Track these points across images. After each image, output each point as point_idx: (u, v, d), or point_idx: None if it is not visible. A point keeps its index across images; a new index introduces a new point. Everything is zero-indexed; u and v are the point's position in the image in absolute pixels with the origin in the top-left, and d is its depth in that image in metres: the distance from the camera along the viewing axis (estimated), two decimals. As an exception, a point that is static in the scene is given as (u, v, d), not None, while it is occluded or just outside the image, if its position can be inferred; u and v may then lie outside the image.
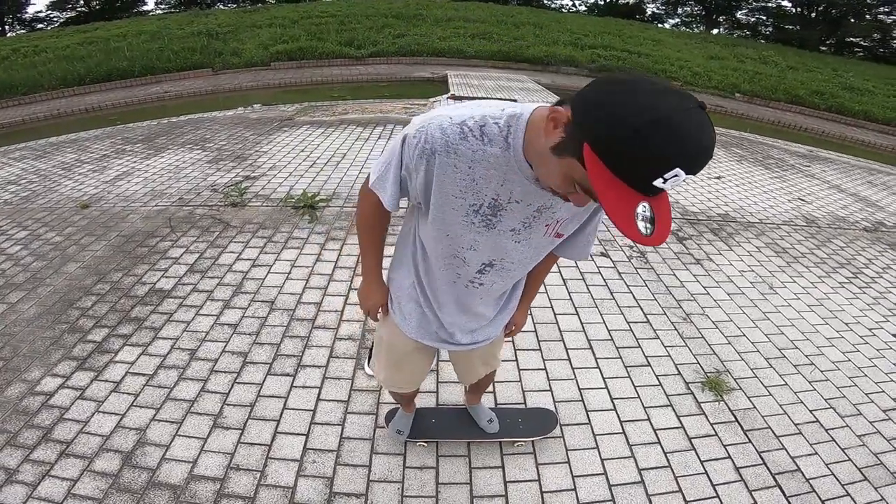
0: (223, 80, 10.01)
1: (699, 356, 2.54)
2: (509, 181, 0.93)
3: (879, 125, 11.16)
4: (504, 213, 0.99)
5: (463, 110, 0.94)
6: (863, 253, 3.97)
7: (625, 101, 0.65)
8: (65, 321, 2.56)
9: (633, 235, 0.70)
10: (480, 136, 0.90)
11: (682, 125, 0.63)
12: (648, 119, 0.63)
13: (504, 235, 1.04)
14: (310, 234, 3.38)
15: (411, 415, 1.92)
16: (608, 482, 1.87)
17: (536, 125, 0.85)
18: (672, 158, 0.64)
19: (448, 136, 0.91)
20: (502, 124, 0.90)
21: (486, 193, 0.96)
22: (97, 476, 1.77)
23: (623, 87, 0.67)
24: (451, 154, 0.92)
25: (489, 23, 16.46)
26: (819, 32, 26.44)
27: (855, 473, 2.00)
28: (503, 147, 0.90)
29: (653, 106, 0.64)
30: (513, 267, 1.14)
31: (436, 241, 1.10)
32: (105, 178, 4.42)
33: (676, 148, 0.64)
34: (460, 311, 1.27)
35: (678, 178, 0.65)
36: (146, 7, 26.11)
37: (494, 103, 0.95)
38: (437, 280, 1.21)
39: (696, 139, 0.64)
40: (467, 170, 0.93)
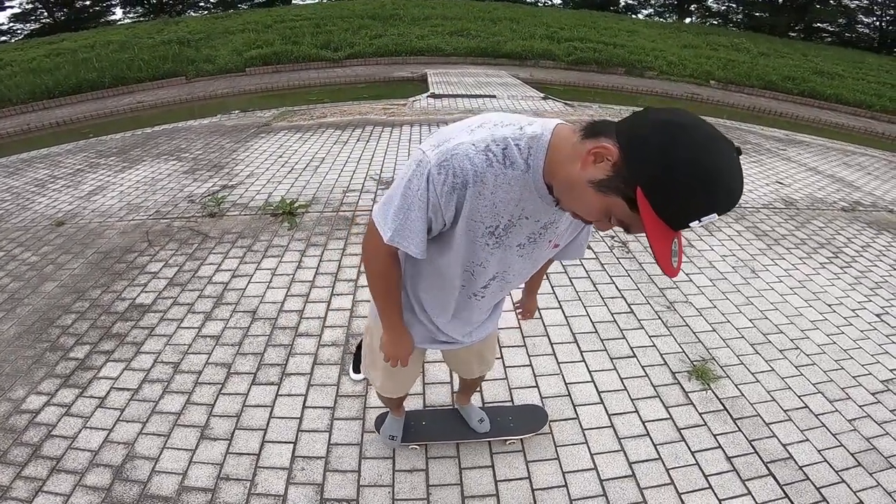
0: (197, 88, 9.85)
1: (684, 344, 2.56)
2: (524, 200, 0.92)
3: (851, 108, 11.36)
4: (514, 229, 0.98)
5: (482, 133, 0.89)
6: (842, 232, 4.05)
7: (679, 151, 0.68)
8: (46, 339, 2.52)
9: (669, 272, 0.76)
10: (503, 160, 0.88)
11: (729, 176, 0.69)
12: (703, 172, 0.68)
13: (511, 251, 1.03)
14: (290, 242, 3.35)
15: (401, 419, 1.91)
16: (599, 477, 1.88)
17: (561, 148, 0.84)
18: (715, 206, 0.69)
19: (476, 165, 0.87)
20: (523, 146, 0.87)
21: (504, 216, 0.94)
22: (90, 490, 1.77)
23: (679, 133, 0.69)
24: (479, 183, 0.88)
25: (466, 19, 16.44)
26: (788, 18, 26.86)
27: (848, 459, 2.02)
28: (524, 169, 0.88)
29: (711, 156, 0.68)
30: (512, 279, 1.14)
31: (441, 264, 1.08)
32: (79, 193, 4.34)
33: (721, 197, 0.70)
34: (456, 319, 1.27)
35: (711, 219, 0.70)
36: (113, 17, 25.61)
37: (514, 121, 0.91)
38: (433, 294, 1.19)
39: (736, 188, 0.70)
40: (490, 195, 0.90)
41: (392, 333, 1.25)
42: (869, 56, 20.69)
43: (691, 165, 0.68)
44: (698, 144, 0.68)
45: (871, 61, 18.47)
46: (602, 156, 0.76)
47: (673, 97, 10.79)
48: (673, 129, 0.70)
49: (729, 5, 30.52)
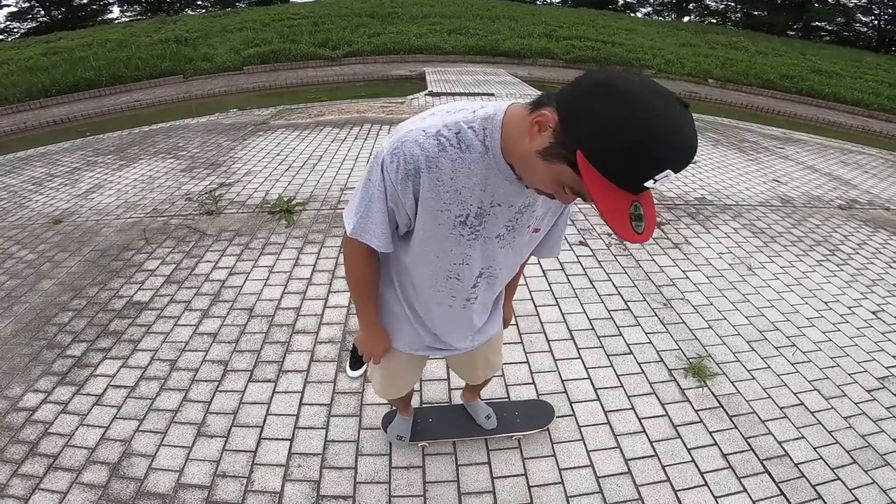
0: (195, 87, 9.83)
1: (681, 342, 2.57)
2: (491, 185, 0.90)
3: (849, 106, 11.37)
4: (488, 218, 0.96)
5: (433, 119, 0.89)
6: (838, 230, 4.06)
7: (615, 109, 0.66)
8: (43, 337, 2.52)
9: (627, 236, 0.72)
10: (458, 143, 0.87)
11: (673, 128, 0.66)
12: (642, 127, 0.64)
13: (490, 243, 1.01)
14: (287, 239, 3.35)
15: (410, 418, 1.90)
16: (595, 474, 1.88)
17: (514, 125, 0.83)
18: (664, 161, 0.66)
19: (427, 150, 0.86)
20: (477, 128, 0.87)
21: (472, 202, 0.92)
22: (86, 488, 1.77)
23: (610, 92, 0.67)
24: (434, 169, 0.87)
25: (465, 17, 16.42)
26: (786, 17, 26.87)
27: (844, 456, 2.02)
28: (482, 151, 0.87)
29: (644, 112, 0.65)
30: (500, 273, 1.12)
31: (425, 265, 1.06)
32: (77, 191, 4.33)
33: (668, 151, 0.66)
34: (455, 328, 1.24)
35: (668, 177, 0.67)
36: (111, 15, 25.53)
37: (465, 106, 0.91)
38: (428, 304, 1.17)
39: (684, 140, 0.67)
40: (450, 181, 0.89)
41: (366, 331, 1.27)
42: (867, 55, 20.71)
43: (629, 122, 0.65)
44: (634, 100, 0.65)
45: (869, 60, 18.50)
46: (543, 124, 0.75)
47: (671, 95, 10.80)
48: (608, 87, 0.68)
49: (728, 4, 30.54)
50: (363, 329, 1.27)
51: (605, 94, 0.67)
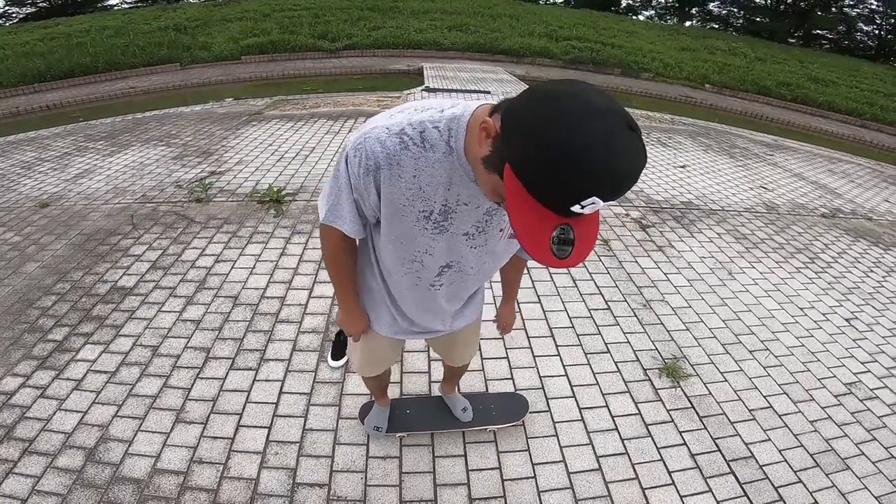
0: (192, 75, 9.79)
1: (657, 342, 2.61)
2: (455, 184, 0.91)
3: (842, 115, 11.48)
4: (454, 216, 0.97)
5: (400, 117, 0.90)
6: (820, 238, 4.11)
7: (547, 125, 0.63)
8: (24, 321, 2.52)
9: (544, 260, 0.69)
10: (421, 142, 0.87)
11: (603, 154, 0.60)
12: (568, 148, 0.60)
13: (457, 239, 1.02)
14: (275, 229, 3.37)
15: (387, 408, 1.93)
16: (567, 469, 1.92)
17: (473, 128, 0.83)
18: (590, 188, 0.62)
19: (388, 148, 0.87)
20: (442, 128, 0.87)
21: (435, 200, 0.93)
22: (61, 472, 1.78)
23: (548, 107, 0.64)
24: (395, 166, 0.88)
25: (466, 14, 16.39)
26: (788, 24, 27.00)
27: (807, 459, 2.07)
28: (446, 152, 0.87)
29: (575, 132, 0.61)
30: (472, 271, 1.12)
31: (391, 250, 1.08)
32: (66, 176, 4.32)
33: (594, 178, 0.62)
34: (425, 312, 1.26)
35: (595, 205, 0.64)
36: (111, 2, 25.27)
37: (434, 105, 0.91)
38: (398, 284, 1.19)
39: (617, 168, 0.62)
40: (412, 179, 0.90)
41: (344, 311, 1.31)
42: (865, 64, 20.87)
43: (556, 143, 0.61)
44: (568, 119, 0.61)
45: (866, 69, 18.64)
46: (487, 131, 0.74)
47: (667, 99, 10.85)
48: (545, 102, 0.65)
49: (730, 10, 30.63)
50: (341, 309, 1.31)
51: (543, 110, 0.64)
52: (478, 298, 1.40)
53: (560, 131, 0.61)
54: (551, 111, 0.63)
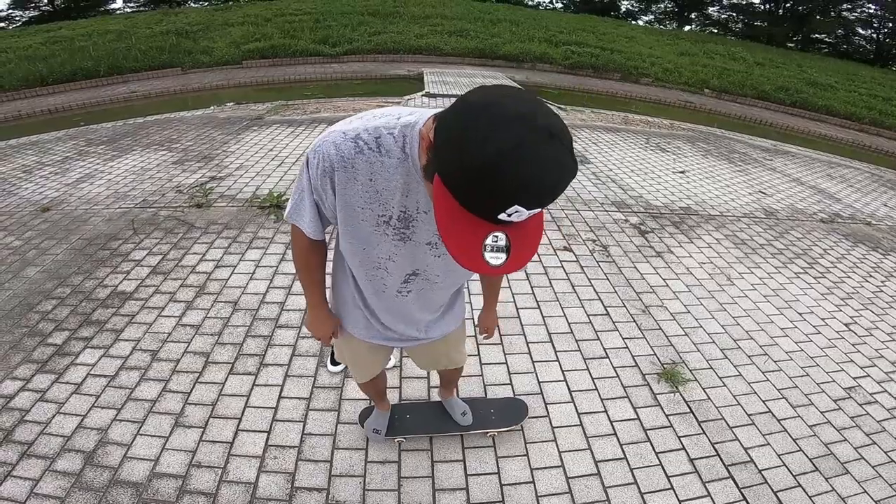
0: (193, 80, 9.82)
1: (656, 348, 2.62)
2: (413, 191, 0.93)
3: (840, 119, 11.48)
4: (416, 224, 0.98)
5: (357, 123, 0.93)
6: (819, 243, 4.12)
7: (468, 134, 0.63)
8: (24, 325, 2.53)
9: (477, 268, 0.69)
10: (377, 147, 0.90)
11: (512, 167, 0.61)
12: (477, 164, 0.61)
13: (420, 248, 1.03)
14: (275, 234, 3.38)
15: (387, 412, 1.94)
16: (565, 474, 1.92)
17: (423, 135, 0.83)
18: (507, 199, 0.63)
19: (342, 151, 0.90)
20: (397, 134, 0.89)
21: (393, 205, 0.95)
22: (59, 475, 1.78)
23: (463, 122, 0.65)
24: (349, 168, 0.91)
25: (466, 20, 16.44)
26: (786, 29, 27.08)
27: (806, 464, 2.07)
28: (401, 158, 0.90)
29: (483, 148, 0.61)
30: (439, 280, 1.13)
31: (353, 255, 1.09)
32: (67, 180, 4.33)
33: (508, 190, 0.62)
34: (398, 318, 1.27)
35: (520, 213, 0.64)
36: (113, 5, 25.38)
37: (392, 111, 0.94)
38: (368, 290, 1.20)
39: (536, 179, 0.62)
40: (368, 182, 0.92)
41: (311, 312, 1.33)
42: (863, 68, 20.88)
43: (468, 160, 0.62)
44: (478, 134, 0.62)
45: (864, 73, 18.66)
46: (425, 141, 0.77)
47: (666, 104, 10.87)
48: (462, 116, 0.66)
49: (729, 14, 30.73)
50: (309, 310, 1.33)
51: (458, 126, 0.66)
52: (456, 310, 1.40)
53: (470, 148, 0.62)
54: (465, 126, 0.64)
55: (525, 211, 0.64)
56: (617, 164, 5.36)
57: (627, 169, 5.25)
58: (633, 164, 5.46)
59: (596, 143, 6.07)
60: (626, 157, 5.69)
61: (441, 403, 2.06)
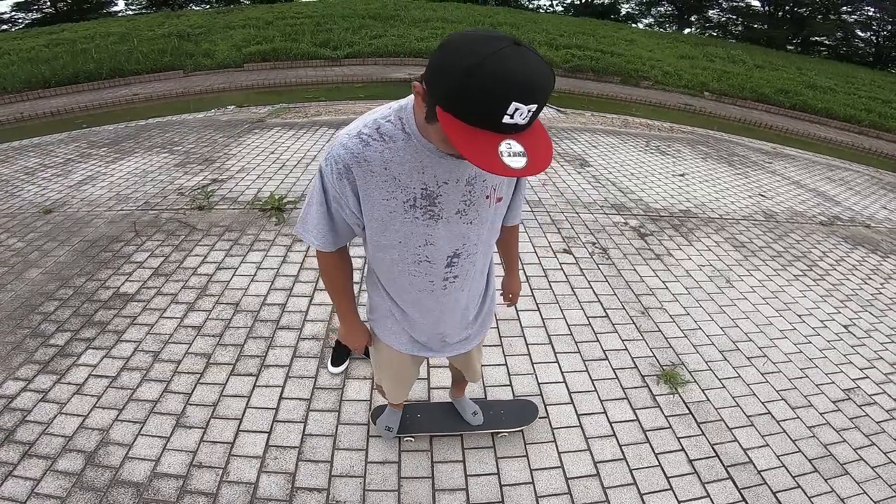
0: (194, 82, 9.85)
1: (655, 349, 2.63)
2: (428, 166, 0.97)
3: (840, 122, 11.48)
4: (440, 198, 1.01)
5: (356, 122, 1.00)
6: (818, 246, 4.13)
7: (449, 58, 0.73)
8: (27, 326, 2.54)
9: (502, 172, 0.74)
10: (380, 137, 0.96)
11: (499, 63, 0.69)
12: (467, 67, 0.69)
13: (454, 221, 1.05)
14: (276, 237, 3.39)
15: (399, 411, 1.96)
16: (565, 475, 1.93)
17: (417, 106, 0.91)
18: (502, 95, 0.69)
19: (350, 148, 0.96)
20: (394, 119, 0.96)
21: (413, 185, 0.99)
22: (60, 475, 1.79)
23: (449, 46, 0.74)
24: (362, 163, 0.97)
25: (467, 23, 16.50)
26: (786, 31, 27.13)
27: (805, 465, 2.08)
28: (405, 138, 0.95)
29: (469, 55, 0.70)
30: (476, 249, 1.15)
31: (391, 253, 1.10)
32: (69, 182, 4.36)
33: (501, 84, 0.69)
34: (446, 319, 1.26)
35: (520, 111, 0.71)
36: (116, 8, 25.49)
37: (384, 105, 1.01)
38: (411, 295, 1.20)
39: (518, 71, 0.69)
40: (384, 171, 0.97)
41: (344, 324, 1.35)
42: (862, 70, 20.91)
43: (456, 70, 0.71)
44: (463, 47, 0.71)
45: (863, 76, 18.68)
46: (417, 93, 0.83)
47: (666, 107, 10.89)
48: (447, 44, 0.75)
49: (729, 17, 30.80)
50: (342, 322, 1.35)
51: (443, 51, 0.75)
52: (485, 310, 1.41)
53: (455, 61, 0.71)
54: (452, 47, 0.73)
55: (523, 107, 0.70)
56: (617, 167, 5.37)
57: (627, 172, 5.27)
58: (633, 167, 5.48)
59: (596, 147, 6.09)
60: (626, 159, 5.71)
61: (451, 403, 2.08)
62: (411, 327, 1.29)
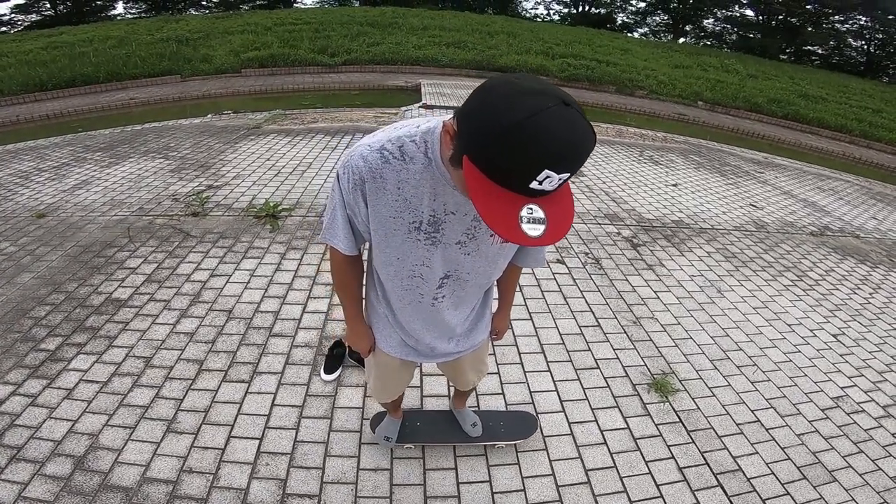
0: (192, 87, 9.87)
1: (647, 358, 2.65)
2: (440, 194, 0.96)
3: (832, 132, 11.63)
4: (444, 226, 1.01)
5: (381, 135, 0.97)
6: (808, 256, 4.17)
7: (486, 110, 0.68)
8: (17, 330, 2.54)
9: (516, 240, 0.71)
10: (401, 156, 0.94)
11: (543, 127, 0.64)
12: (507, 126, 0.64)
13: (451, 249, 1.06)
14: (271, 244, 3.40)
15: (398, 420, 1.96)
16: (556, 483, 1.94)
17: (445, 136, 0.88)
18: (536, 161, 0.65)
19: (370, 162, 0.95)
20: (419, 140, 0.93)
21: (422, 210, 0.98)
22: (48, 479, 1.79)
23: (490, 93, 0.69)
24: (378, 179, 0.95)
25: (464, 31, 16.59)
26: (779, 41, 27.47)
27: (794, 472, 2.10)
28: (425, 163, 0.93)
29: (509, 111, 0.65)
30: (469, 278, 1.15)
31: (388, 266, 1.12)
32: (63, 186, 4.35)
33: (539, 152, 0.65)
34: (431, 329, 1.29)
35: (551, 179, 0.67)
36: (115, 11, 25.54)
37: (411, 122, 0.98)
38: (401, 303, 1.22)
39: (562, 139, 0.65)
40: (396, 191, 0.96)
41: (350, 327, 1.37)
42: (853, 80, 21.18)
43: (492, 126, 0.66)
44: (500, 102, 0.66)
45: (854, 85, 18.93)
46: (449, 133, 0.80)
47: (660, 117, 10.99)
48: (486, 91, 0.70)
49: (723, 26, 31.15)
50: (349, 327, 1.38)
51: (482, 99, 0.70)
52: (485, 320, 1.42)
53: (494, 115, 0.66)
54: (491, 96, 0.69)
55: (555, 176, 0.66)
56: (610, 177, 5.42)
57: (621, 182, 5.31)
58: (626, 176, 5.52)
59: (590, 157, 6.10)
60: (619, 169, 5.75)
61: (451, 413, 2.08)
62: (402, 331, 1.31)
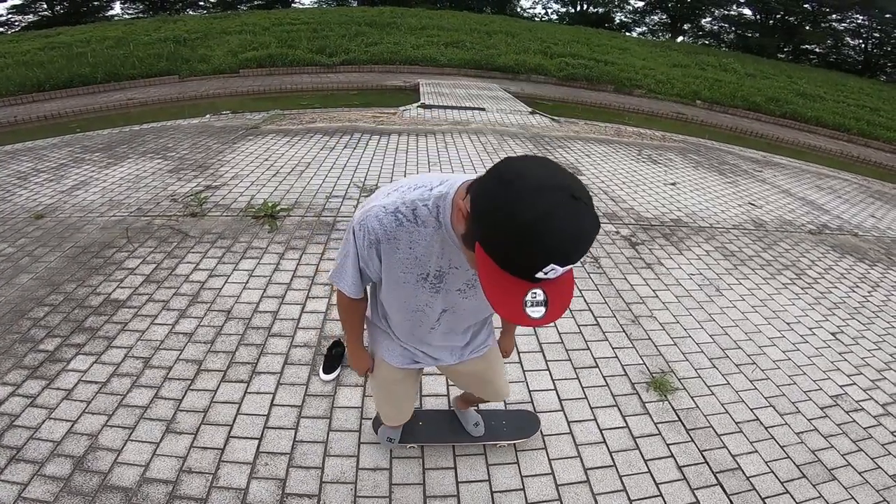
0: (190, 88, 9.86)
1: (646, 357, 2.65)
2: (447, 252, 1.03)
3: (830, 130, 11.64)
4: (448, 277, 1.09)
5: (395, 196, 1.02)
6: (807, 255, 4.18)
7: (498, 210, 0.72)
8: (16, 331, 2.53)
9: (522, 322, 0.77)
10: (414, 219, 1.00)
11: (552, 228, 0.68)
12: (518, 226, 0.69)
13: (452, 294, 1.14)
14: (269, 244, 3.40)
15: None
16: (555, 482, 1.94)
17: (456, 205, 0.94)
18: (544, 257, 0.70)
19: (385, 225, 1.01)
20: (431, 206, 0.99)
21: (430, 265, 1.06)
22: (48, 480, 1.79)
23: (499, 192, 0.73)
24: (392, 240, 1.02)
25: (462, 31, 16.60)
26: (777, 40, 27.51)
27: (794, 471, 2.10)
28: (436, 227, 1.00)
29: (520, 214, 0.69)
30: (466, 314, 1.25)
31: (393, 302, 1.22)
32: (61, 187, 4.35)
33: (544, 251, 0.70)
34: (429, 346, 1.37)
35: (555, 271, 0.71)
36: (112, 12, 25.51)
37: (424, 182, 1.02)
38: (400, 327, 1.32)
39: (568, 236, 0.70)
40: (408, 250, 1.04)
41: (351, 351, 1.51)
42: (851, 78, 21.22)
43: (506, 227, 0.70)
44: (518, 198, 0.70)
45: (852, 84, 18.97)
46: (462, 212, 0.83)
47: (658, 116, 11.00)
48: (499, 184, 0.74)
49: (721, 25, 31.18)
50: (350, 352, 1.51)
51: (495, 189, 0.74)
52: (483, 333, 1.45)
53: (506, 218, 0.71)
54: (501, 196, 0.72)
55: (559, 268, 0.71)
56: (609, 176, 5.42)
57: (619, 181, 5.31)
58: (624, 175, 5.53)
59: (589, 156, 6.14)
60: (618, 168, 5.76)
61: (453, 412, 2.09)
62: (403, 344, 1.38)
